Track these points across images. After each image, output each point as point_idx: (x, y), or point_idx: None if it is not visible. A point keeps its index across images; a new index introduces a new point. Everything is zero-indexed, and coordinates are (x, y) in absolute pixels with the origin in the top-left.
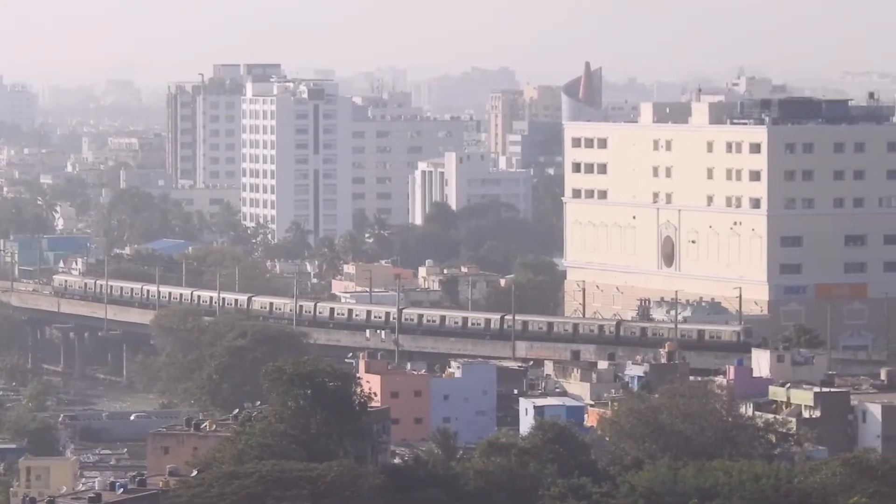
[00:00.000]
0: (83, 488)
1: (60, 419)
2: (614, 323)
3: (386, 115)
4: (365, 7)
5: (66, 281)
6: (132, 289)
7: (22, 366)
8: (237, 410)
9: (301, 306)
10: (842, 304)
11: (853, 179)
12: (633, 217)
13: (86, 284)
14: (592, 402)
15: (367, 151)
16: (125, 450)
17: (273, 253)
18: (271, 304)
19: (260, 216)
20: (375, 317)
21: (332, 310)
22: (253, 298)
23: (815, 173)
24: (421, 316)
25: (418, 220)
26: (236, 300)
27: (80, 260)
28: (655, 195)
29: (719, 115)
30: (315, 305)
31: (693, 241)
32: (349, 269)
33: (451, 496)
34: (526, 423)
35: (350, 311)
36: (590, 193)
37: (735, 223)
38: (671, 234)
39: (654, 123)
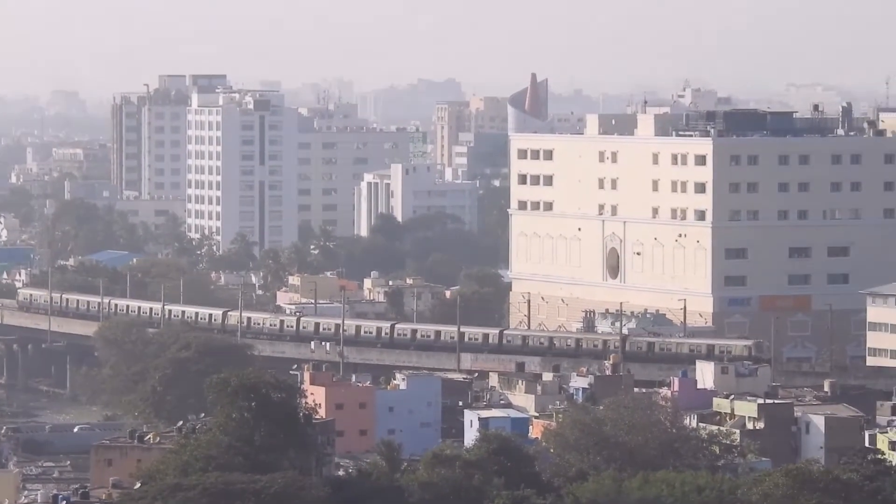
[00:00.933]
0: (26, 501)
1: (3, 431)
2: (619, 338)
3: (332, 126)
4: (311, 19)
5: (31, 295)
6: (77, 301)
7: None
8: (181, 422)
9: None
10: (786, 316)
11: (798, 191)
12: (579, 229)
13: (31, 296)
14: (537, 414)
15: (312, 163)
16: (68, 462)
17: (218, 264)
18: (249, 318)
19: (205, 227)
20: (366, 332)
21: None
22: (229, 313)
23: (759, 185)
24: (415, 331)
25: (364, 232)
26: (196, 313)
27: (23, 271)
28: (601, 207)
29: (665, 127)
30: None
31: (638, 253)
32: (294, 280)
33: None
34: (471, 434)
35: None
36: (535, 205)
37: (680, 235)
38: (616, 246)
39: (600, 135)
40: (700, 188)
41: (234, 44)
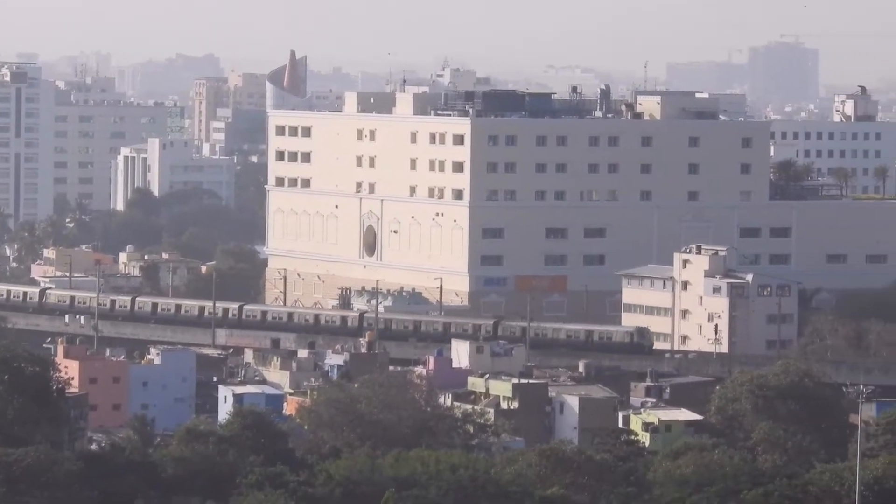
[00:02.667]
0: None
1: None
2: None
3: (89, 99)
4: None
5: None
6: None
7: None
8: None
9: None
10: (541, 297)
11: (555, 172)
12: (336, 206)
13: None
14: (292, 391)
15: (69, 136)
16: None
17: None
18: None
19: None
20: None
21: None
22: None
23: (517, 166)
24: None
25: (120, 206)
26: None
27: None
28: (359, 185)
29: (423, 106)
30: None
31: (395, 231)
32: (49, 253)
33: (148, 483)
34: (224, 410)
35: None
36: (293, 182)
37: (437, 214)
38: (373, 224)
39: (359, 113)
40: (458, 167)
41: None
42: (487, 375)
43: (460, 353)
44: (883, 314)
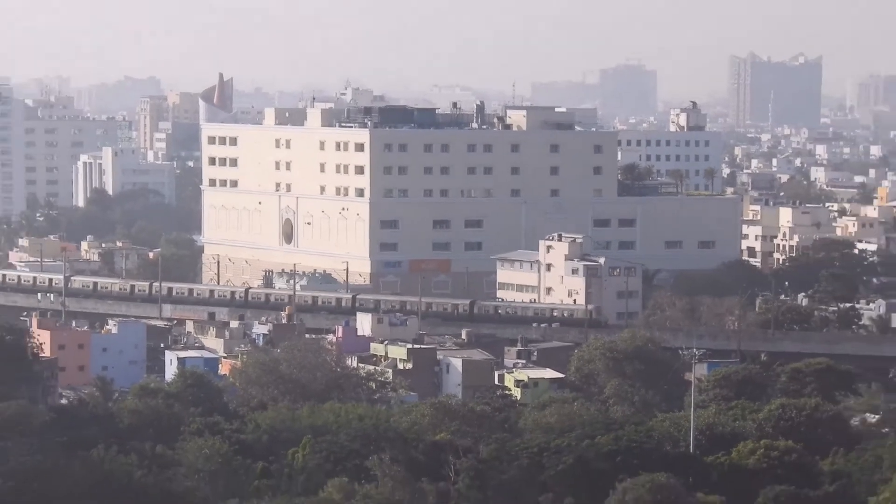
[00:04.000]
0: None
1: None
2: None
3: (53, 115)
4: (36, 23)
5: None
6: None
7: None
8: None
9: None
10: (430, 276)
11: (440, 174)
12: (259, 203)
13: None
14: (226, 355)
15: (37, 145)
16: None
17: None
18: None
19: None
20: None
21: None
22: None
23: (409, 168)
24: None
25: (81, 203)
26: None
27: None
28: (278, 185)
29: (330, 119)
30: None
31: (309, 223)
32: (24, 242)
33: (108, 431)
34: (170, 371)
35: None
36: (223, 183)
37: (343, 209)
38: (291, 217)
39: (276, 126)
40: (359, 170)
41: None
42: (386, 342)
43: (364, 323)
44: (711, 291)
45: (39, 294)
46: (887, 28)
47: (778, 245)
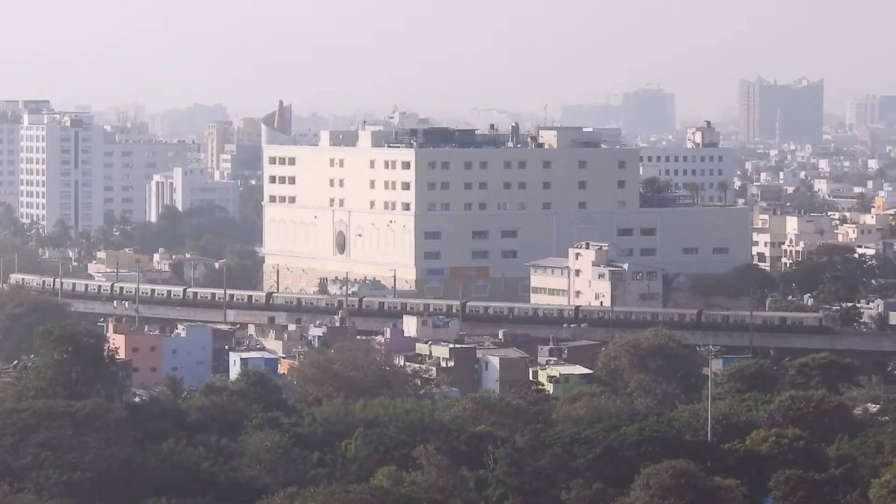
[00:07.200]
0: None
1: None
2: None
3: (129, 139)
4: (113, 55)
5: None
6: None
7: None
8: (16, 362)
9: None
10: (470, 282)
11: (479, 189)
12: (315, 216)
13: None
14: (284, 356)
15: (115, 166)
16: None
17: (44, 242)
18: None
19: (34, 215)
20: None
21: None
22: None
23: (450, 184)
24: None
25: (153, 219)
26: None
27: None
28: (332, 200)
29: (379, 140)
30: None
31: (360, 235)
32: (101, 255)
33: (177, 426)
34: (234, 371)
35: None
36: (283, 199)
37: (391, 221)
38: (343, 230)
39: (331, 146)
40: (406, 186)
41: (56, 74)
42: (430, 342)
43: (410, 325)
44: (725, 292)
45: (115, 301)
46: (882, 53)
47: (785, 251)
